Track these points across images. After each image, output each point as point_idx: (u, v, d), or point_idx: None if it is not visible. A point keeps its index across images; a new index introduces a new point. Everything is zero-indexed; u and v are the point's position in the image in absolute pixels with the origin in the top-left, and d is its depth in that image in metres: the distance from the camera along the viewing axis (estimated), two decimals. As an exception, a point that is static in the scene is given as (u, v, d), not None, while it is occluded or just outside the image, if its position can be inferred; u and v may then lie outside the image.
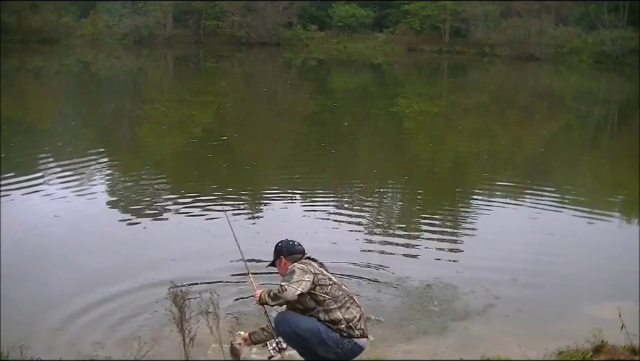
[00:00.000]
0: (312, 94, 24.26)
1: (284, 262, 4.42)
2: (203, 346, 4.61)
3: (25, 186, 9.54)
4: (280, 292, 4.10)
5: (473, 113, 20.78)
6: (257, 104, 21.43)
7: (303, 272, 4.17)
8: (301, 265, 4.26)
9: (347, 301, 4.22)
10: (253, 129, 16.25)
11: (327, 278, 4.24)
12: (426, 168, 12.56)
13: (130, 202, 9.15)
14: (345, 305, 4.19)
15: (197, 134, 14.88)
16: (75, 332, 5.04)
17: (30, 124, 16.40)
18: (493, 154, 14.01)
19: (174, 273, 5.94)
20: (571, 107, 23.96)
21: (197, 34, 49.69)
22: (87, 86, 26.75)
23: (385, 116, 19.57)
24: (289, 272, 4.25)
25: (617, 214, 9.55)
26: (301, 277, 4.13)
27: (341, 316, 4.15)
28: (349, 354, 4.21)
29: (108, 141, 14.60)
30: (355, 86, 28.80)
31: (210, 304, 4.62)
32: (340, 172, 11.77)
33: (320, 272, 4.27)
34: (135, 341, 4.59)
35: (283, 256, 4.43)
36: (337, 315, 4.15)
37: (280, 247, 4.49)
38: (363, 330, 4.23)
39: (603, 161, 14.10)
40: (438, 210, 9.33)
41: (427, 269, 6.52)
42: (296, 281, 4.12)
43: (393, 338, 5.09)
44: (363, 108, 21.02)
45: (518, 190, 10.59)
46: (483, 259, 6.89)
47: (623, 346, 4.54)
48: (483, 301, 5.80)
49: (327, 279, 4.24)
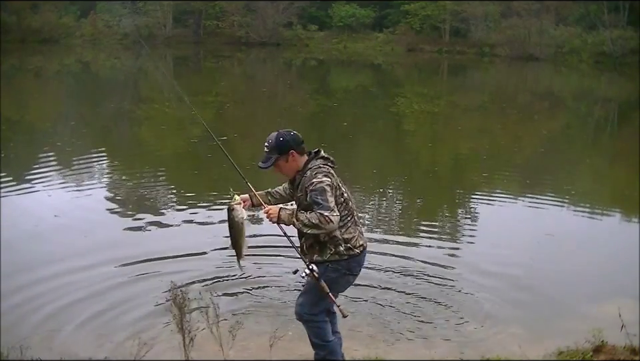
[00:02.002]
0: (312, 94, 24.25)
1: (295, 157, 3.92)
2: (203, 346, 4.61)
3: (24, 186, 9.54)
4: (323, 222, 3.71)
5: (473, 113, 20.78)
6: (256, 104, 21.41)
7: (331, 188, 3.81)
8: (327, 177, 3.84)
9: (349, 221, 3.96)
10: (253, 129, 16.24)
11: (342, 192, 3.93)
12: (426, 168, 12.56)
13: (130, 202, 9.15)
14: (347, 224, 3.94)
15: (197, 134, 14.87)
16: (75, 332, 5.04)
17: (30, 124, 16.41)
18: (492, 154, 14.00)
19: (174, 273, 5.94)
20: (570, 107, 23.95)
21: (197, 34, 49.67)
22: (86, 86, 26.75)
23: (385, 116, 19.56)
24: (318, 190, 3.77)
25: (616, 214, 9.55)
26: (333, 197, 3.78)
27: (340, 236, 3.92)
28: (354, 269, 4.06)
29: (108, 141, 14.60)
30: (355, 86, 28.79)
31: (210, 304, 4.63)
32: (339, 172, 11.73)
33: (339, 184, 3.94)
34: (135, 341, 4.59)
35: (294, 150, 3.92)
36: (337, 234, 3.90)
37: (285, 140, 3.89)
38: (362, 245, 4.04)
39: (603, 161, 14.10)
40: (437, 210, 9.33)
41: (426, 269, 6.52)
42: (333, 205, 3.75)
43: (393, 337, 5.09)
44: (362, 108, 21.02)
45: (518, 190, 10.59)
46: (482, 259, 6.89)
47: (622, 346, 4.55)
48: (482, 301, 5.80)
49: (342, 193, 3.93)
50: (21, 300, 5.54)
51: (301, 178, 3.94)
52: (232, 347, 4.48)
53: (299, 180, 3.97)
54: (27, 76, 28.57)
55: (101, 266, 6.34)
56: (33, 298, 5.59)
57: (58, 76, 30.02)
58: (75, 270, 6.24)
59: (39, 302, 5.50)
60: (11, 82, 24.90)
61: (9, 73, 28.21)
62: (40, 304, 5.46)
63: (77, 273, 6.18)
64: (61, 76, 30.19)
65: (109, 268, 6.31)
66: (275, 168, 3.97)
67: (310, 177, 3.87)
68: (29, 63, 33.82)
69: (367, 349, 4.79)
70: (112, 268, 6.31)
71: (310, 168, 3.92)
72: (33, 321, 5.16)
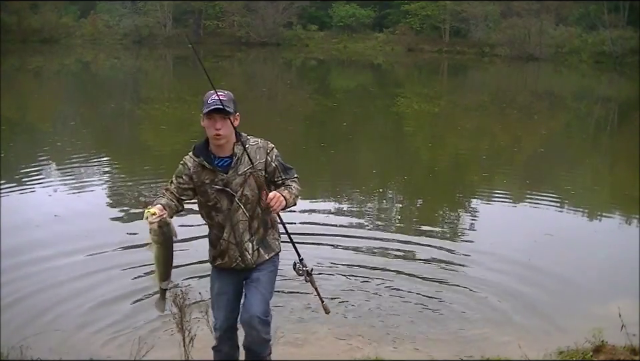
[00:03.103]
0: (312, 94, 24.25)
1: (237, 121, 3.53)
2: (203, 346, 4.61)
3: (24, 185, 9.54)
4: (298, 187, 3.54)
5: (473, 113, 20.78)
6: (256, 104, 21.41)
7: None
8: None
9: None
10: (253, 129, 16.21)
11: None
12: (426, 168, 12.57)
13: (130, 202, 9.15)
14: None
15: (196, 134, 14.86)
16: (75, 332, 5.03)
17: (30, 124, 16.41)
18: (492, 154, 14.00)
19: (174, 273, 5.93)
20: (571, 107, 23.96)
21: (197, 34, 49.67)
22: (86, 86, 26.74)
23: (385, 116, 19.56)
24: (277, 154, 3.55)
25: (616, 214, 9.55)
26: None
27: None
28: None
29: (108, 141, 14.61)
30: (355, 86, 28.79)
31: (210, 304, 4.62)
32: (339, 172, 11.76)
33: None
34: (135, 341, 4.59)
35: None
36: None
37: (233, 98, 3.48)
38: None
39: (603, 161, 14.10)
40: (437, 210, 9.33)
41: (425, 269, 6.52)
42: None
43: (393, 337, 5.09)
44: (362, 108, 21.02)
45: (517, 190, 10.59)
46: (482, 259, 6.89)
47: (622, 346, 4.54)
48: (482, 301, 5.80)
49: None
50: (21, 301, 5.53)
51: (243, 150, 3.47)
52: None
53: (239, 153, 3.47)
54: (26, 76, 28.57)
55: (101, 266, 6.34)
56: (33, 299, 5.58)
57: (58, 76, 30.02)
58: (75, 271, 6.24)
59: (39, 303, 5.50)
60: (11, 82, 24.89)
61: (9, 73, 28.19)
62: (40, 304, 5.46)
63: (77, 273, 6.17)
64: (61, 76, 30.19)
65: (110, 268, 6.31)
66: (216, 123, 3.39)
67: (264, 144, 3.55)
68: (28, 63, 33.81)
69: (367, 349, 4.78)
70: (112, 269, 6.30)
71: (246, 137, 3.55)
72: (33, 321, 5.16)
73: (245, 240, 3.59)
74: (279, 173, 3.55)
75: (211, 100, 3.40)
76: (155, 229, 3.32)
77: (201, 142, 3.60)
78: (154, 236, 3.34)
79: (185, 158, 3.62)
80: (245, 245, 3.59)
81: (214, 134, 3.42)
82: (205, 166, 3.51)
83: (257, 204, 3.53)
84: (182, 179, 3.58)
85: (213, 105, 3.36)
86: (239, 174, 3.49)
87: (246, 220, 3.56)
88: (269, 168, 3.53)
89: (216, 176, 3.50)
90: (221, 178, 3.50)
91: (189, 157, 3.60)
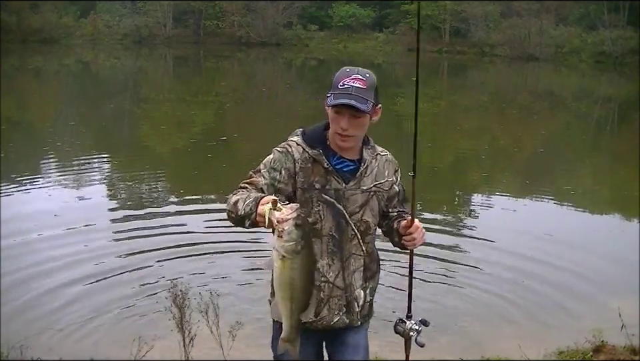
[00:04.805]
0: (312, 94, 24.24)
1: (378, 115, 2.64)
2: (203, 346, 4.60)
3: (24, 185, 9.54)
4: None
5: (473, 113, 20.78)
6: (256, 104, 21.41)
7: None
8: None
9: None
10: (253, 129, 16.23)
11: None
12: (425, 168, 12.54)
13: (130, 202, 9.15)
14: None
15: (196, 134, 14.87)
16: (75, 332, 5.03)
17: (30, 123, 16.41)
18: (492, 154, 14.00)
19: (175, 273, 5.94)
20: (570, 107, 23.95)
21: (197, 34, 49.69)
22: (86, 86, 26.75)
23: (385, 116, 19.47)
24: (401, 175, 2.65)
25: (616, 214, 9.55)
26: None
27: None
28: None
29: (107, 141, 14.60)
30: (355, 86, 28.75)
31: (210, 304, 4.62)
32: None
33: None
34: (135, 341, 4.58)
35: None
36: None
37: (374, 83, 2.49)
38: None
39: (603, 161, 14.10)
40: (437, 210, 9.32)
41: (425, 269, 6.51)
42: None
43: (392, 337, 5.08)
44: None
45: (517, 190, 10.59)
46: (481, 259, 6.89)
47: (622, 346, 4.55)
48: (482, 301, 5.80)
49: None
50: (21, 301, 5.53)
51: (372, 159, 2.57)
52: (232, 347, 4.47)
53: (368, 159, 2.55)
54: (26, 76, 28.56)
55: (102, 266, 6.34)
56: (33, 299, 5.58)
57: (58, 76, 30.01)
58: (75, 271, 6.24)
59: (39, 303, 5.50)
60: (11, 82, 24.88)
61: (9, 73, 28.18)
62: (40, 305, 5.46)
63: (77, 273, 6.17)
64: (61, 76, 30.19)
65: (110, 268, 6.31)
66: (343, 121, 2.38)
67: (392, 159, 2.72)
68: (28, 63, 33.81)
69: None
70: (112, 269, 6.30)
71: (373, 145, 2.67)
72: (34, 321, 5.16)
73: (357, 285, 2.53)
74: (398, 202, 2.64)
75: (342, 85, 2.35)
76: (293, 230, 2.10)
77: (317, 127, 2.53)
78: (290, 243, 2.11)
79: (290, 142, 2.47)
80: (355, 293, 2.54)
81: (338, 133, 2.41)
82: (320, 164, 2.41)
83: (374, 236, 2.56)
84: (280, 174, 2.40)
85: (343, 99, 2.31)
86: (363, 189, 2.48)
87: (361, 256, 2.52)
88: (391, 192, 2.60)
89: (329, 182, 2.41)
90: (336, 188, 2.42)
91: (295, 143, 2.45)
